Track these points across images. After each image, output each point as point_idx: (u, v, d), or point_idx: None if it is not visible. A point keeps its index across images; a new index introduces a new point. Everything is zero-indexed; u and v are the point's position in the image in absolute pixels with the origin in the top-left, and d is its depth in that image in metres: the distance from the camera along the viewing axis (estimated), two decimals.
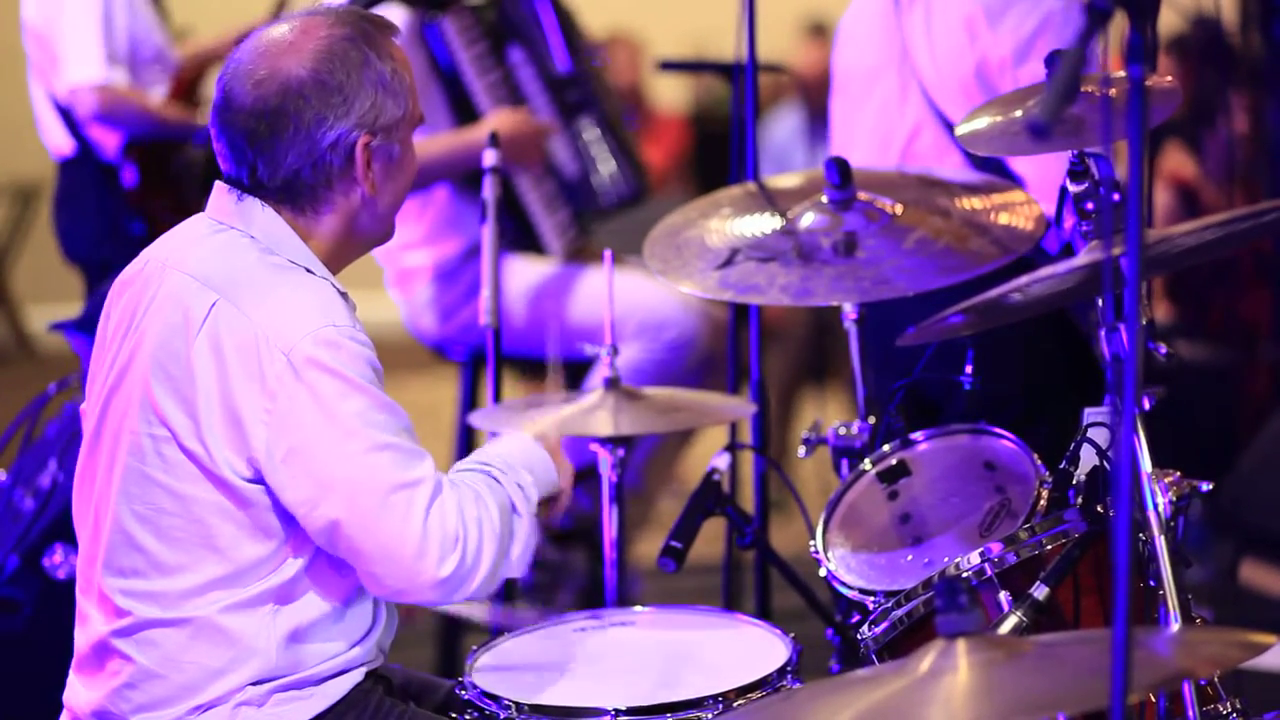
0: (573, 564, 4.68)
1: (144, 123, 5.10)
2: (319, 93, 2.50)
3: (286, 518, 2.49)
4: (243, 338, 2.45)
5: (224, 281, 2.50)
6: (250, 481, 2.47)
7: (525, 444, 2.72)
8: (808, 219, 3.33)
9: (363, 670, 2.59)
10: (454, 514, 2.47)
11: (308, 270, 2.55)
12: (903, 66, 4.09)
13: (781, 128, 8.57)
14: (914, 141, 4.10)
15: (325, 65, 2.51)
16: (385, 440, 2.46)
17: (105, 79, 5.00)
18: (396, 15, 4.35)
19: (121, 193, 5.12)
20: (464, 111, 4.55)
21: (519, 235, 4.60)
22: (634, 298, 4.40)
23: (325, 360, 2.44)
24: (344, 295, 2.59)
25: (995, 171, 3.92)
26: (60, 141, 5.18)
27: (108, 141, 5.11)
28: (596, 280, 4.52)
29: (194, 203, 5.22)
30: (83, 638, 2.61)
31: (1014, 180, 3.88)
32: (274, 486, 2.46)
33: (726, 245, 3.34)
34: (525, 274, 4.59)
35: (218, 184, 2.60)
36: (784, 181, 3.76)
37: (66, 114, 5.09)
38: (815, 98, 8.47)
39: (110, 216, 5.13)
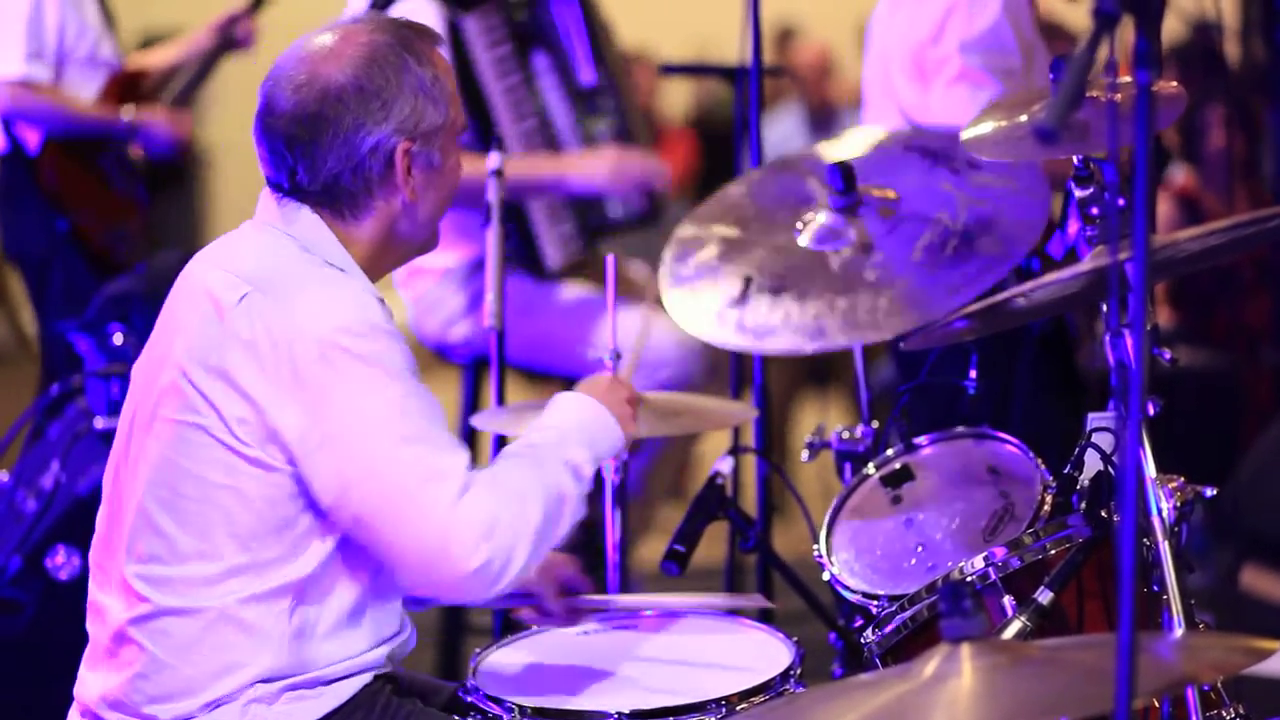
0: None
1: (60, 120, 5.07)
2: (358, 98, 2.52)
3: (309, 509, 2.50)
4: (274, 326, 2.46)
5: (257, 275, 2.52)
6: (281, 466, 2.47)
7: (585, 409, 2.68)
8: (818, 221, 3.36)
9: (372, 673, 2.59)
10: (484, 509, 2.45)
11: (342, 270, 2.56)
12: (884, 68, 4.14)
13: (779, 128, 8.59)
14: None
15: (365, 71, 2.53)
16: (416, 432, 2.47)
17: (23, 74, 4.98)
18: (426, 12, 4.34)
19: (44, 188, 5.11)
20: (477, 113, 4.52)
21: (519, 244, 4.58)
22: (634, 331, 4.39)
23: (359, 349, 2.46)
24: (380, 301, 2.60)
25: None
26: None
27: (29, 138, 5.10)
28: (600, 305, 4.50)
29: (124, 201, 5.24)
30: (98, 629, 2.61)
31: None
32: (305, 474, 2.47)
33: (739, 274, 3.35)
34: (531, 291, 4.58)
35: (264, 189, 2.63)
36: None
37: None
38: (812, 98, 8.52)
39: (43, 212, 5.13)
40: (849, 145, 3.59)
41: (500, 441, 3.73)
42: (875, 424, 3.40)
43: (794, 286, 3.29)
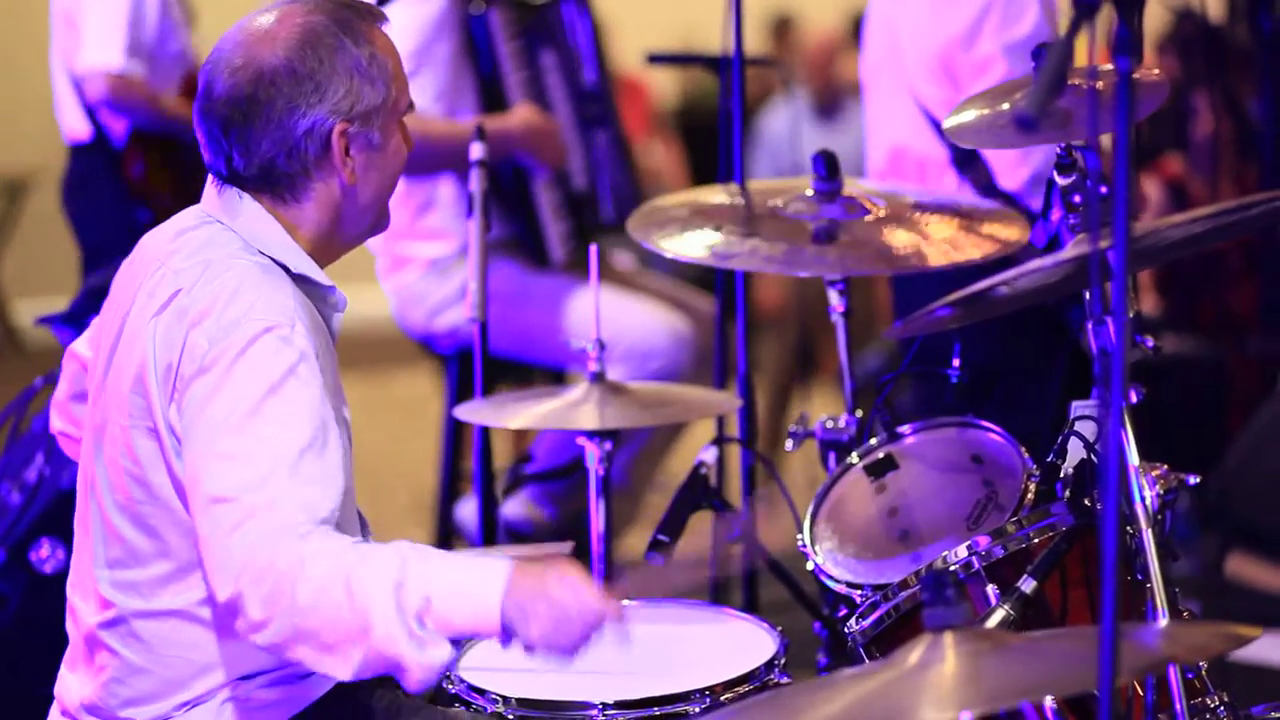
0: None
1: (151, 116, 5.15)
2: (291, 80, 2.49)
3: None
4: (182, 321, 2.44)
5: (191, 274, 2.49)
6: None
7: (484, 576, 2.34)
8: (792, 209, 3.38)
9: None
10: (248, 548, 2.28)
11: (283, 266, 2.52)
12: (895, 63, 4.10)
13: (776, 121, 8.58)
14: (901, 147, 4.13)
15: (298, 52, 2.50)
16: (237, 449, 2.34)
17: (122, 67, 5.06)
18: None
19: (128, 180, 5.15)
20: (493, 100, 4.58)
21: (525, 237, 4.61)
22: (625, 321, 4.40)
23: (240, 345, 2.39)
24: (331, 289, 2.58)
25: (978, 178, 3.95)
26: (76, 125, 5.21)
27: (116, 128, 5.14)
28: (589, 297, 4.52)
29: (198, 197, 5.29)
30: (74, 632, 2.61)
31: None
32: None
33: (712, 224, 3.39)
34: (521, 282, 4.58)
35: (209, 177, 2.60)
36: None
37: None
38: (817, 87, 8.51)
39: (121, 203, 5.16)
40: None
41: (483, 433, 3.72)
42: (859, 413, 3.40)
43: (765, 235, 3.33)
